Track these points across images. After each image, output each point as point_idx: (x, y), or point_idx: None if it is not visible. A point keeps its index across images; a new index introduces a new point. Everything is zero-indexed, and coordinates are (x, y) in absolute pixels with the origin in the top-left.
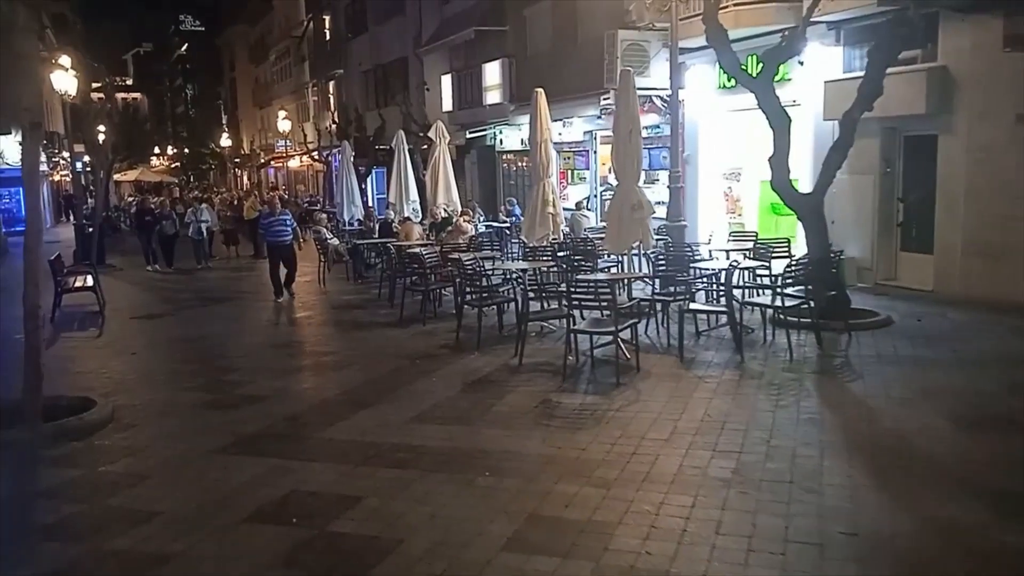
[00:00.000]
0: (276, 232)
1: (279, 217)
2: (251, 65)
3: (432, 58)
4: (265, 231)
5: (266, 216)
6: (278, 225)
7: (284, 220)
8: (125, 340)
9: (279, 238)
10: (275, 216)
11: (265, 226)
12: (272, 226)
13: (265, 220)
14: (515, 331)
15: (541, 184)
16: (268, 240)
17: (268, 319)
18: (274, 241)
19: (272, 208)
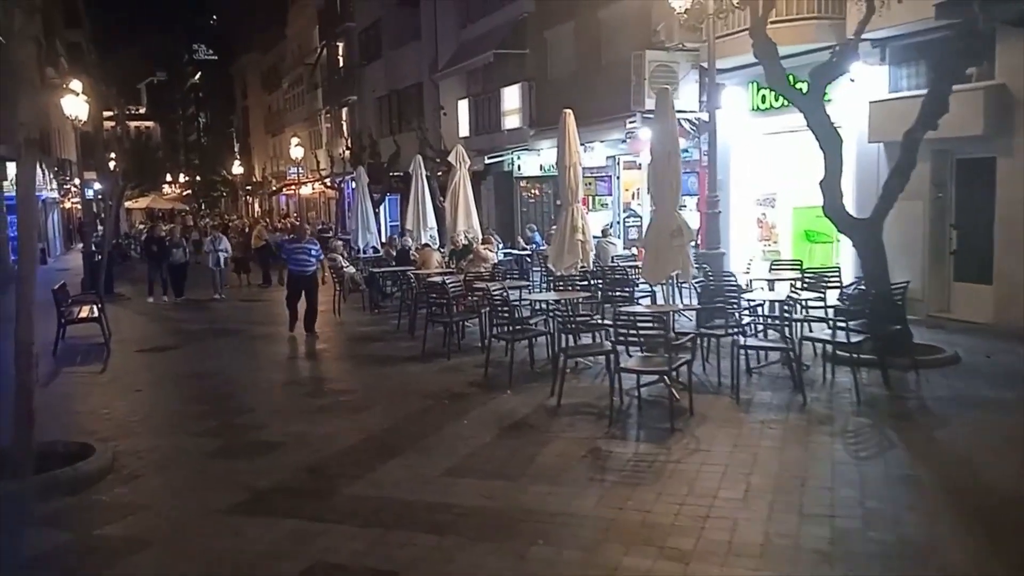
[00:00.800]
0: (299, 261)
1: (304, 245)
2: (263, 93)
3: (448, 83)
4: (287, 258)
5: (290, 242)
6: (301, 253)
7: (309, 249)
8: (130, 376)
9: (302, 268)
10: (300, 243)
11: (288, 252)
12: (295, 253)
13: (288, 246)
14: (548, 367)
15: (570, 210)
16: (290, 269)
17: (282, 353)
18: (296, 271)
19: (298, 234)
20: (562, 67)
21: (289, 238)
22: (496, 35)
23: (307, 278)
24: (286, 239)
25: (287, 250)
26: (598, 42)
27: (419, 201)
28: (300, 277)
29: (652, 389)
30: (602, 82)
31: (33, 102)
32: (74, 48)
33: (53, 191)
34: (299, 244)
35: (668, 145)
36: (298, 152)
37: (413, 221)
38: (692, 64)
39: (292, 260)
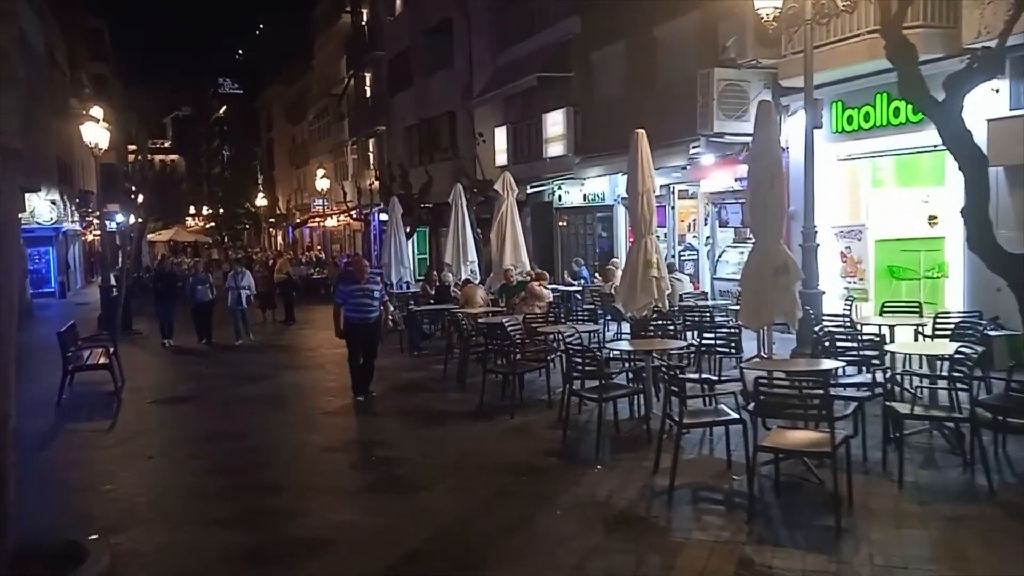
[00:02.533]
0: (360, 306)
1: (365, 286)
2: (288, 125)
3: (484, 110)
4: (343, 302)
5: (346, 282)
6: (362, 296)
7: (371, 291)
8: (142, 435)
9: (363, 314)
10: (359, 284)
11: (344, 295)
12: (354, 297)
13: (344, 289)
14: (639, 430)
15: (643, 242)
16: (347, 316)
17: (315, 405)
18: (356, 318)
19: (358, 271)
20: (611, 90)
21: (342, 275)
22: (537, 58)
23: (370, 327)
24: (341, 279)
25: (343, 293)
26: (653, 62)
27: (459, 233)
28: (360, 325)
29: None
30: (658, 105)
31: (18, 95)
32: (99, 80)
33: (75, 223)
34: (357, 285)
35: (771, 168)
36: (324, 183)
37: (453, 255)
38: (765, 84)
39: (351, 305)
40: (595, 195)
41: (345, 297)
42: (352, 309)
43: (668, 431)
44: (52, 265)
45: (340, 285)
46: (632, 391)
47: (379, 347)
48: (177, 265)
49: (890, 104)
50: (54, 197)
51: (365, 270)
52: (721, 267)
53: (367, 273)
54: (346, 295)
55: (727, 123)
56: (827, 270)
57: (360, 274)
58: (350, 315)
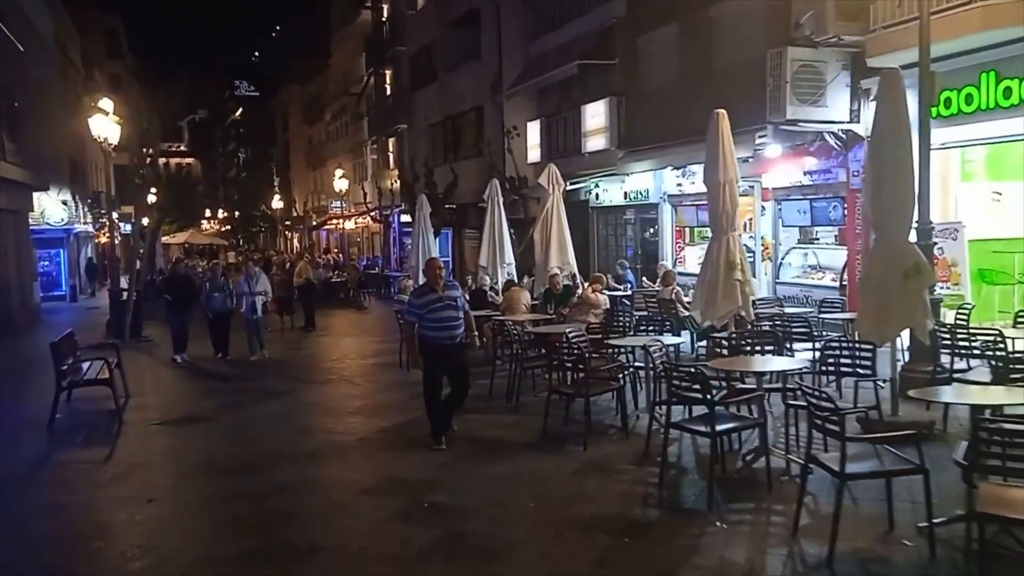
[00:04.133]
0: (441, 323)
1: (444, 295)
2: (305, 126)
3: (515, 104)
4: (418, 318)
5: (420, 294)
6: (443, 308)
7: (453, 301)
8: (143, 469)
9: (446, 332)
10: (437, 293)
11: (419, 311)
12: (432, 311)
13: (418, 302)
14: (748, 469)
15: (724, 240)
16: (426, 337)
17: (346, 428)
18: (437, 339)
19: (432, 277)
20: (659, 78)
21: (416, 286)
22: (575, 46)
23: (454, 346)
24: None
25: (416, 308)
26: (709, 45)
27: (495, 233)
28: (444, 348)
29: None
30: (715, 93)
31: None
32: (114, 79)
33: (87, 224)
34: (435, 295)
35: (898, 150)
36: (342, 184)
37: (488, 256)
38: (843, 64)
39: (427, 321)
40: (638, 193)
41: (420, 313)
42: (431, 327)
43: (799, 475)
44: (63, 268)
45: (412, 298)
46: (752, 423)
47: (468, 375)
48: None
49: (998, 84)
50: (65, 197)
51: (440, 274)
52: (784, 270)
53: (443, 277)
54: (421, 310)
55: (801, 109)
56: None
57: (435, 280)
58: (429, 335)
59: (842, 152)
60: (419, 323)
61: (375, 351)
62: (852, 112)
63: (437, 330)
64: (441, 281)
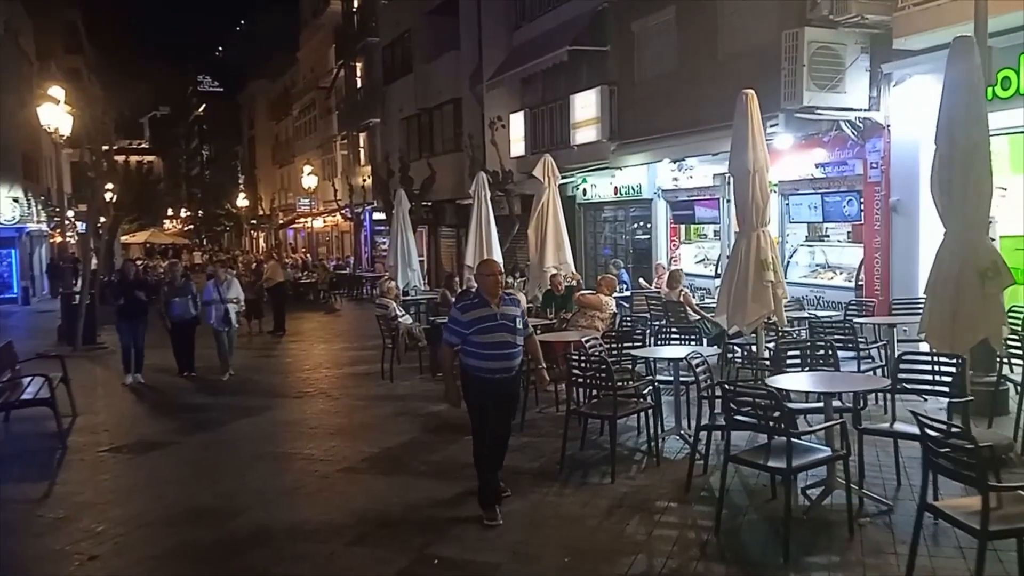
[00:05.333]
0: (490, 347)
1: (500, 311)
2: (271, 122)
3: (496, 95)
4: (461, 339)
5: (467, 306)
6: (495, 329)
7: (510, 320)
8: (86, 510)
9: (499, 361)
10: (491, 309)
11: (463, 329)
12: (482, 330)
13: (465, 316)
14: (823, 510)
15: (754, 236)
16: (471, 366)
17: (327, 454)
18: (487, 370)
19: (488, 285)
20: (656, 65)
21: (460, 293)
22: (564, 32)
23: (510, 383)
24: (456, 302)
25: (458, 324)
26: (713, 29)
27: (482, 230)
28: (494, 382)
29: None
30: (718, 80)
31: None
32: (73, 74)
33: (42, 223)
34: (487, 310)
35: (973, 129)
36: (311, 181)
37: (475, 256)
38: (863, 47)
39: (475, 347)
40: (629, 188)
41: (464, 333)
42: (478, 354)
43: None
44: (15, 269)
45: (455, 311)
46: (833, 456)
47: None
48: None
49: None
50: (17, 194)
51: (498, 282)
52: (792, 269)
53: (502, 287)
54: (466, 329)
55: (818, 95)
56: None
57: (491, 290)
58: (474, 364)
59: (859, 142)
60: (461, 346)
61: (351, 359)
62: (871, 99)
63: (486, 358)
64: (499, 292)
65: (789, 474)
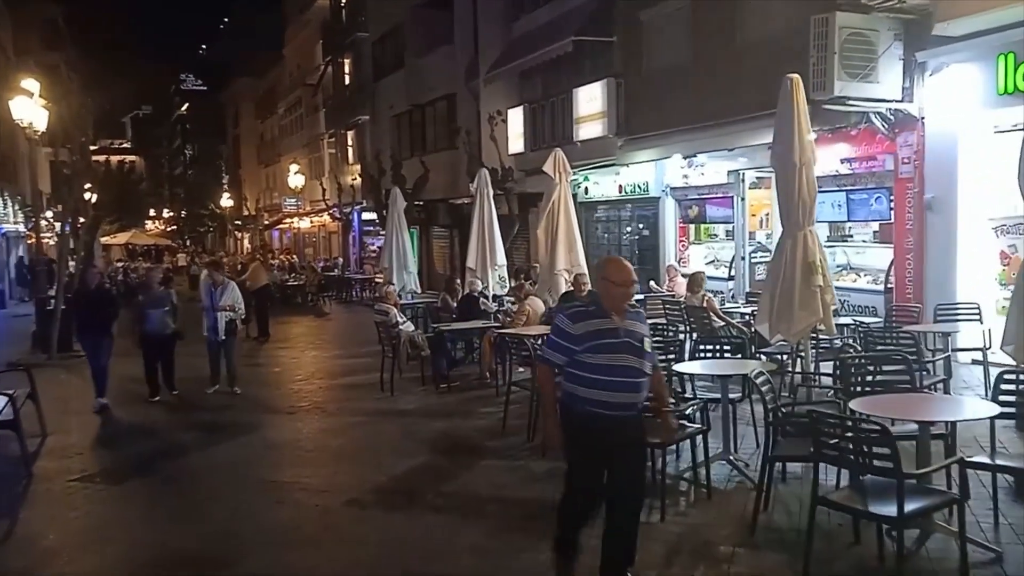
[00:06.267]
0: (608, 371)
1: (623, 326)
2: (256, 121)
3: (492, 90)
4: (565, 358)
5: (579, 314)
6: (617, 347)
7: (636, 341)
8: (51, 558)
9: (617, 395)
10: (611, 320)
11: (570, 345)
12: (596, 347)
13: (574, 325)
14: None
15: (800, 237)
16: (573, 396)
17: (326, 486)
18: (593, 403)
19: (611, 298)
20: (666, 56)
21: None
22: (565, 24)
23: (632, 424)
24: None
25: (564, 338)
26: (731, 17)
27: (485, 231)
28: (608, 423)
29: None
30: (735, 71)
31: None
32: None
33: (18, 223)
34: (606, 322)
35: None
36: (298, 180)
37: (478, 258)
38: (895, 33)
39: (581, 371)
40: (635, 186)
41: (574, 349)
42: (589, 380)
43: None
44: None
45: (561, 320)
46: (948, 500)
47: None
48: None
49: None
50: None
51: (629, 292)
52: None
53: (633, 290)
54: (576, 346)
55: (850, 84)
56: (979, 275)
57: (616, 301)
58: (584, 395)
59: (889, 136)
60: (565, 369)
61: (346, 368)
62: (904, 89)
63: (604, 386)
64: (628, 298)
65: (902, 525)
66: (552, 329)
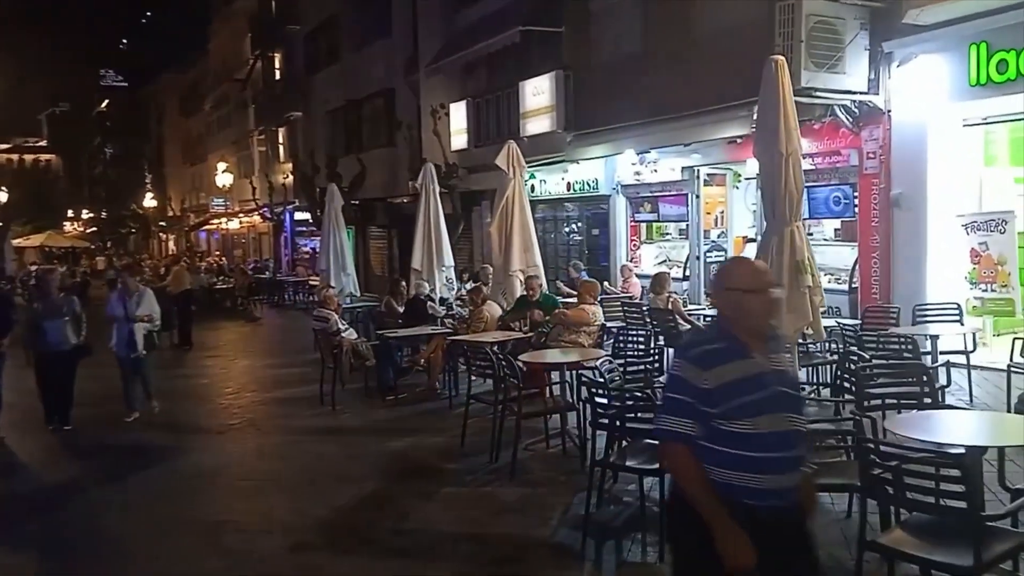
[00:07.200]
0: (761, 446)
1: (771, 366)
2: (181, 118)
3: (434, 84)
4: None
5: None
6: (773, 400)
7: (791, 387)
8: None
9: (776, 474)
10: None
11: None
12: (742, 405)
13: (704, 374)
14: None
15: (787, 233)
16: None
17: (267, 525)
18: (744, 489)
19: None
20: (618, 47)
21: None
22: (512, 13)
23: (795, 516)
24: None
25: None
26: (686, 6)
27: (431, 229)
28: (773, 516)
29: None
30: (692, 62)
31: None
32: None
33: None
34: (751, 364)
35: None
36: (226, 179)
37: (423, 258)
38: (861, 23)
39: (722, 443)
40: (584, 183)
41: (708, 411)
42: (735, 457)
43: None
44: None
45: (682, 366)
46: None
47: None
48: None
49: (993, 58)
50: None
51: (771, 296)
52: None
53: (776, 299)
54: (711, 404)
55: (817, 75)
56: (949, 274)
57: (762, 323)
58: (726, 479)
59: (853, 130)
60: (697, 437)
61: (281, 379)
62: (870, 81)
63: (748, 466)
64: (768, 320)
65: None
66: (669, 383)
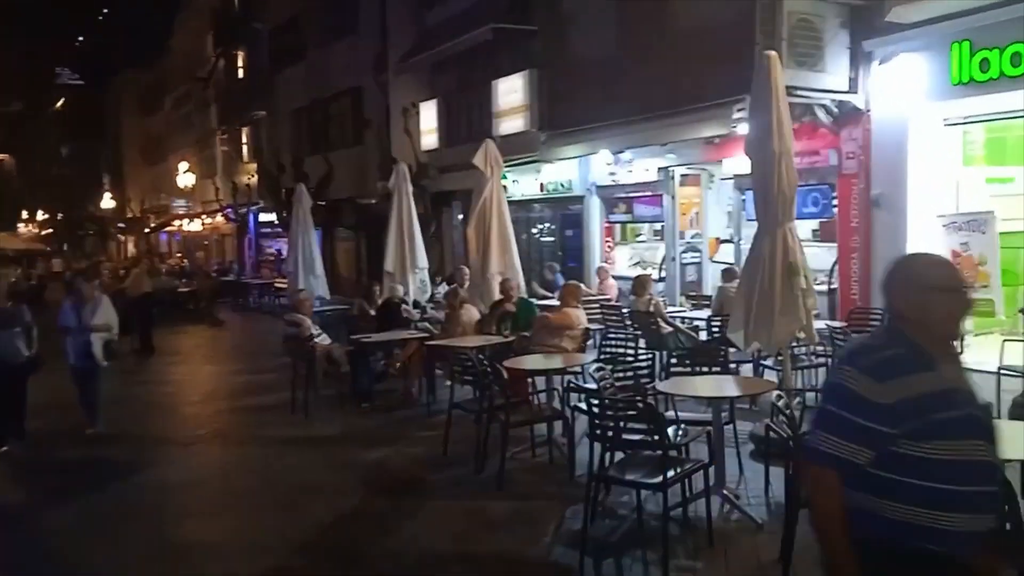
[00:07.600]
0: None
1: (959, 382)
2: (141, 117)
3: (403, 83)
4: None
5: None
6: (965, 423)
7: (976, 406)
8: None
9: (974, 514)
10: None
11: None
12: (932, 427)
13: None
14: None
15: (779, 234)
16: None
17: (242, 548)
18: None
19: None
20: (594, 45)
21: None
22: (484, 11)
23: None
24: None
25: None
26: (662, 3)
27: (404, 230)
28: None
29: None
30: (669, 60)
31: None
32: None
33: None
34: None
35: None
36: (188, 180)
37: (396, 261)
38: (841, 21)
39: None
40: (558, 184)
41: (884, 434)
42: (925, 491)
43: None
44: None
45: (853, 381)
46: None
47: None
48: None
49: (974, 57)
50: None
51: (966, 296)
52: None
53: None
54: (891, 424)
55: (799, 74)
56: None
57: (948, 328)
58: (909, 522)
59: (832, 130)
60: (864, 464)
61: (250, 386)
62: (850, 80)
63: (936, 501)
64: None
65: None
66: (832, 395)
